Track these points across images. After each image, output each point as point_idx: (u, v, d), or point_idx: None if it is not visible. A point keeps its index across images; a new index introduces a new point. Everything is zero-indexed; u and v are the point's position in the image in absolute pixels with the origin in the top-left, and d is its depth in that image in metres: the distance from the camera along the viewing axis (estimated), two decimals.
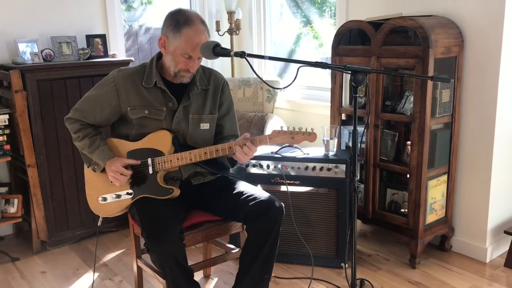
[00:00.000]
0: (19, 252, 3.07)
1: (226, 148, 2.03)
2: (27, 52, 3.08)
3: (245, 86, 3.78)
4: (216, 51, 1.97)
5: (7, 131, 2.88)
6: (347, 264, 2.68)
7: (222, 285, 2.64)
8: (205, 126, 2.19)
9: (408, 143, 2.75)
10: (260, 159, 2.71)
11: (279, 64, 4.19)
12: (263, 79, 2.69)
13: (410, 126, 2.65)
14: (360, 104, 2.93)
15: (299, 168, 2.67)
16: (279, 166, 2.68)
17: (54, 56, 3.09)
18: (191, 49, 2.00)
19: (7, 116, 2.88)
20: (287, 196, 2.60)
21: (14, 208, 2.99)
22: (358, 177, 3.00)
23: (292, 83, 2.00)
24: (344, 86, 3.02)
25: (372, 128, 2.80)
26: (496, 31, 2.54)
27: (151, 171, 2.11)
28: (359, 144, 2.86)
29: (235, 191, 2.17)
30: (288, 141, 1.99)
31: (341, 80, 2.97)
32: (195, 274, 2.10)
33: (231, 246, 2.46)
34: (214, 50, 1.97)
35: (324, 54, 3.93)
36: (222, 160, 2.17)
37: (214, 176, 2.27)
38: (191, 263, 2.12)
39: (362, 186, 2.95)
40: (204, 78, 2.20)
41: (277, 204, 2.08)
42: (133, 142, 2.16)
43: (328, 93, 3.06)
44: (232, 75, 4.10)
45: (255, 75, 2.80)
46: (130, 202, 2.15)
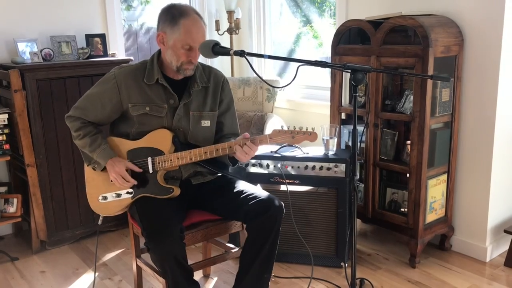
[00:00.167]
0: (19, 251, 3.07)
1: (226, 147, 2.03)
2: (27, 52, 3.08)
3: (244, 86, 3.78)
4: (216, 50, 1.97)
5: (6, 131, 2.88)
6: (347, 264, 2.68)
7: (222, 284, 2.63)
8: (205, 123, 2.18)
9: (408, 142, 2.75)
10: (260, 158, 2.71)
11: (279, 64, 4.19)
12: (263, 78, 2.69)
13: (410, 125, 2.65)
14: (360, 103, 2.93)
15: (298, 167, 2.67)
16: (279, 166, 2.68)
17: (53, 56, 3.09)
18: (192, 39, 2.01)
19: (6, 116, 2.88)
20: (287, 196, 2.59)
21: (13, 207, 2.99)
22: (358, 176, 3.00)
23: (291, 82, 2.00)
24: (344, 85, 3.02)
25: (371, 128, 2.80)
26: (496, 30, 2.54)
27: (151, 171, 2.11)
28: (358, 143, 2.87)
29: (235, 191, 2.17)
30: (289, 140, 1.98)
31: (340, 79, 2.97)
32: (195, 273, 2.10)
33: (231, 246, 2.46)
34: (214, 49, 1.97)
35: (324, 53, 3.93)
36: (223, 159, 2.16)
37: (214, 176, 2.27)
38: (191, 262, 2.12)
39: (362, 185, 2.95)
40: (204, 75, 2.20)
41: (277, 203, 2.08)
42: (133, 141, 2.16)
43: (328, 92, 3.06)
44: (232, 75, 4.10)
45: (254, 75, 2.81)
46: (130, 201, 2.15)
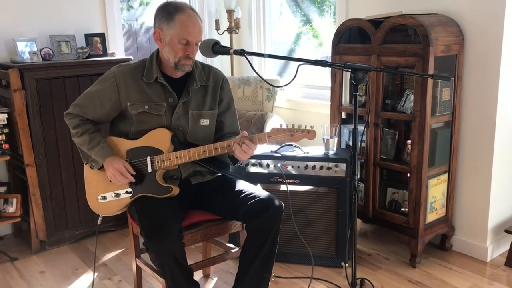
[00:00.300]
0: (18, 252, 3.06)
1: (225, 146, 2.02)
2: (26, 51, 3.07)
3: (244, 85, 3.77)
4: (216, 49, 1.97)
5: (5, 130, 2.88)
6: (347, 264, 2.67)
7: (221, 284, 2.63)
8: (205, 122, 2.18)
9: (408, 142, 2.74)
10: (260, 158, 2.70)
11: (279, 63, 4.18)
12: (263, 77, 2.68)
13: (410, 125, 2.64)
14: (360, 103, 2.93)
15: (299, 167, 2.66)
16: (279, 165, 2.67)
17: (53, 55, 3.08)
18: (188, 33, 2.01)
19: (5, 115, 2.87)
20: (287, 195, 2.59)
21: (12, 207, 2.98)
22: (358, 176, 3.00)
23: (291, 81, 2.00)
24: (344, 84, 3.01)
25: (372, 127, 2.79)
26: (497, 29, 2.53)
27: (150, 170, 2.10)
28: (359, 143, 2.86)
29: (234, 190, 2.17)
30: (287, 138, 1.98)
31: (341, 79, 2.96)
32: (195, 273, 2.10)
33: (231, 246, 2.46)
34: (214, 48, 1.97)
35: (324, 53, 3.93)
36: (223, 158, 2.16)
37: (214, 176, 2.26)
38: (190, 262, 2.12)
39: (362, 185, 2.94)
40: (203, 74, 2.20)
41: (276, 202, 2.07)
42: (132, 140, 2.15)
43: (328, 91, 3.06)
44: (232, 74, 4.09)
45: (254, 74, 2.81)
46: (129, 201, 2.14)
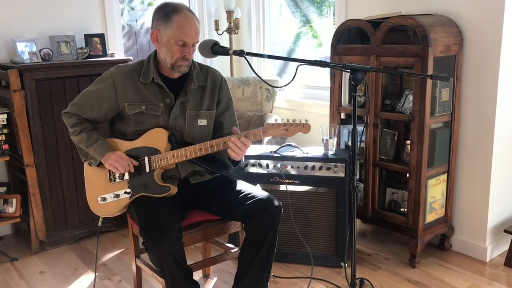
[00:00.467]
0: (18, 252, 3.06)
1: (220, 143, 2.03)
2: (26, 52, 3.07)
3: (244, 86, 3.77)
4: (215, 49, 1.97)
5: (5, 131, 2.88)
6: (346, 264, 2.67)
7: (221, 284, 2.63)
8: (202, 122, 2.18)
9: (408, 142, 2.75)
10: (259, 158, 2.71)
11: (278, 64, 4.18)
12: (262, 78, 2.68)
13: (410, 125, 2.65)
14: (360, 103, 2.93)
15: (298, 167, 2.66)
16: (278, 166, 2.67)
17: (52, 56, 3.08)
18: (184, 34, 2.01)
19: (5, 116, 2.87)
20: (287, 196, 2.59)
21: (12, 208, 2.99)
22: (358, 176, 3.00)
23: (291, 82, 2.00)
24: (343, 85, 3.01)
25: (371, 127, 2.80)
26: (496, 29, 2.53)
27: (148, 170, 2.11)
28: (358, 143, 2.87)
29: (233, 190, 2.17)
30: (282, 133, 1.98)
31: (340, 79, 2.97)
32: (195, 273, 2.10)
33: (230, 246, 2.46)
34: (213, 48, 1.98)
35: (323, 53, 3.93)
36: (223, 159, 2.16)
37: (213, 175, 2.27)
38: (190, 262, 2.12)
39: (362, 185, 2.94)
40: (201, 74, 2.20)
41: (275, 202, 2.08)
42: (130, 141, 2.16)
43: (327, 92, 3.06)
44: (231, 75, 4.10)
45: (254, 74, 2.81)
46: (129, 201, 2.14)
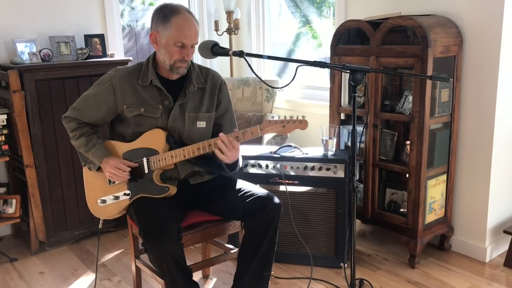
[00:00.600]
0: (18, 252, 3.06)
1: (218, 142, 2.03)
2: (26, 52, 3.07)
3: (244, 86, 3.78)
4: (215, 50, 1.97)
5: (5, 131, 2.88)
6: (346, 264, 2.67)
7: (221, 285, 2.63)
8: (201, 124, 2.18)
9: (407, 142, 2.75)
10: (259, 159, 2.71)
11: (278, 64, 4.19)
12: (262, 78, 2.67)
13: (409, 126, 2.65)
14: (359, 104, 2.93)
15: (298, 168, 2.66)
16: (278, 166, 2.68)
17: (52, 56, 3.08)
18: (183, 36, 2.01)
19: (5, 116, 2.87)
20: (286, 196, 2.59)
21: (12, 208, 2.99)
22: (357, 176, 3.00)
23: (290, 82, 2.01)
24: (343, 85, 3.01)
25: (371, 128, 2.80)
26: (495, 30, 2.54)
27: (146, 171, 2.11)
28: (358, 143, 2.87)
29: (233, 189, 2.18)
30: (280, 130, 1.99)
31: (340, 80, 2.97)
32: (194, 274, 2.10)
33: (230, 246, 2.46)
34: (213, 49, 1.98)
35: (323, 54, 3.93)
36: (221, 163, 2.16)
37: (212, 176, 2.27)
38: (190, 263, 2.12)
39: (361, 185, 2.94)
40: (200, 76, 2.20)
41: (275, 200, 2.08)
42: (128, 142, 2.16)
43: (327, 92, 3.06)
44: (231, 75, 4.10)
45: (254, 75, 2.81)
46: (128, 203, 2.14)
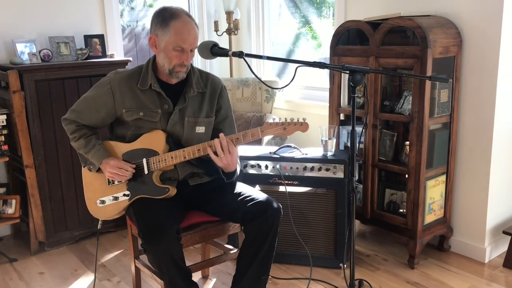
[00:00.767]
0: (17, 253, 3.06)
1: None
2: (25, 52, 3.07)
3: (243, 86, 3.78)
4: (214, 51, 1.97)
5: (5, 132, 2.88)
6: (345, 265, 2.68)
7: (220, 285, 2.63)
8: (200, 129, 2.17)
9: (407, 143, 2.75)
10: (258, 159, 2.71)
11: (278, 64, 4.19)
12: (262, 79, 2.68)
13: (409, 126, 2.65)
14: (359, 104, 2.93)
15: (297, 168, 2.66)
16: (278, 167, 2.68)
17: (52, 56, 3.08)
18: (182, 40, 2.00)
19: (5, 117, 2.87)
20: (286, 197, 2.59)
21: (12, 209, 2.99)
22: (357, 177, 3.00)
23: (290, 83, 2.01)
24: (343, 86, 3.01)
25: (370, 128, 2.80)
26: (495, 31, 2.54)
27: (146, 171, 2.11)
28: (357, 144, 2.87)
29: (232, 192, 2.17)
30: (280, 132, 1.99)
31: (339, 80, 2.97)
32: (194, 274, 2.10)
33: (230, 247, 2.46)
34: (212, 50, 1.98)
35: (323, 54, 3.93)
36: (219, 169, 2.15)
37: (211, 177, 2.26)
38: (189, 263, 2.12)
39: (361, 186, 2.94)
40: (200, 81, 2.19)
41: (274, 205, 2.08)
42: (128, 143, 2.16)
43: (327, 93, 3.06)
44: (231, 75, 4.10)
45: (253, 75, 2.82)
46: (128, 204, 2.14)
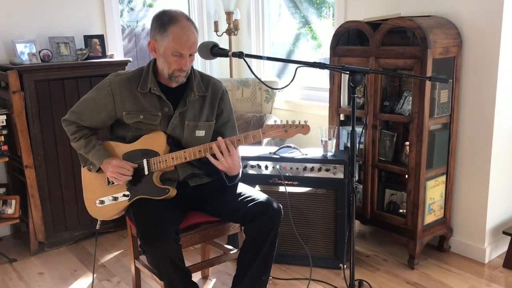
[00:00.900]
0: (17, 253, 3.06)
1: None
2: (25, 53, 3.07)
3: (243, 87, 3.78)
4: (214, 51, 1.97)
5: (4, 132, 2.88)
6: (345, 265, 2.68)
7: (220, 286, 2.63)
8: (200, 133, 2.16)
9: (407, 143, 2.75)
10: (258, 159, 2.71)
11: (278, 65, 4.19)
12: (262, 79, 2.68)
13: (409, 127, 2.65)
14: (359, 105, 2.93)
15: (297, 168, 2.66)
16: (278, 167, 2.68)
17: (52, 57, 3.08)
18: (180, 46, 1.98)
19: (4, 117, 2.87)
20: (286, 197, 2.59)
21: (11, 209, 2.99)
22: (357, 177, 3.00)
23: (290, 83, 2.00)
24: (343, 86, 3.01)
25: (370, 129, 2.80)
26: (494, 31, 2.54)
27: (146, 172, 2.11)
28: (357, 144, 2.87)
29: (232, 193, 2.17)
30: (282, 134, 1.99)
31: (339, 81, 2.97)
32: (194, 275, 2.10)
33: (229, 247, 2.46)
34: (212, 50, 1.97)
35: (323, 54, 3.93)
36: (221, 173, 2.15)
37: (211, 178, 2.26)
38: (189, 264, 2.12)
39: (361, 186, 2.94)
40: (201, 84, 2.18)
41: (275, 205, 2.08)
42: (128, 144, 2.16)
43: (327, 93, 3.06)
44: (231, 76, 4.10)
45: (253, 76, 2.81)
46: (127, 204, 2.14)
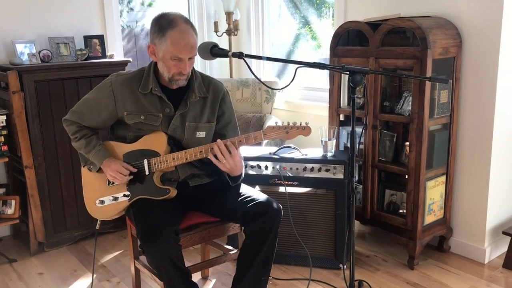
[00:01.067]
0: (17, 253, 3.06)
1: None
2: (25, 53, 3.07)
3: (243, 87, 3.78)
4: (214, 51, 1.97)
5: (4, 132, 2.88)
6: (345, 265, 2.68)
7: (220, 286, 2.63)
8: (201, 134, 2.16)
9: (407, 143, 2.75)
10: (258, 160, 2.71)
11: (278, 65, 4.19)
12: (262, 79, 2.68)
13: (409, 127, 2.65)
14: (359, 105, 2.93)
15: (297, 169, 2.66)
16: (277, 167, 2.68)
17: (51, 57, 3.08)
18: (179, 51, 1.96)
19: (4, 117, 2.87)
20: (285, 197, 2.59)
21: (11, 209, 2.99)
22: (357, 178, 3.00)
23: (290, 83, 2.00)
24: (342, 87, 3.01)
25: (370, 129, 2.80)
26: (494, 31, 2.54)
27: (147, 172, 2.11)
28: (357, 145, 2.87)
29: (232, 193, 2.17)
30: (283, 136, 1.99)
31: (339, 81, 2.97)
32: (193, 275, 2.10)
33: (229, 248, 2.46)
34: (212, 50, 1.97)
35: (323, 55, 3.93)
36: (223, 174, 2.15)
37: (211, 178, 2.26)
38: (189, 264, 2.12)
39: (361, 187, 2.94)
40: (202, 85, 2.17)
41: (275, 205, 2.08)
42: (129, 144, 2.16)
43: (327, 94, 3.06)
44: (231, 76, 4.10)
45: (253, 76, 2.80)
46: (127, 204, 2.14)
